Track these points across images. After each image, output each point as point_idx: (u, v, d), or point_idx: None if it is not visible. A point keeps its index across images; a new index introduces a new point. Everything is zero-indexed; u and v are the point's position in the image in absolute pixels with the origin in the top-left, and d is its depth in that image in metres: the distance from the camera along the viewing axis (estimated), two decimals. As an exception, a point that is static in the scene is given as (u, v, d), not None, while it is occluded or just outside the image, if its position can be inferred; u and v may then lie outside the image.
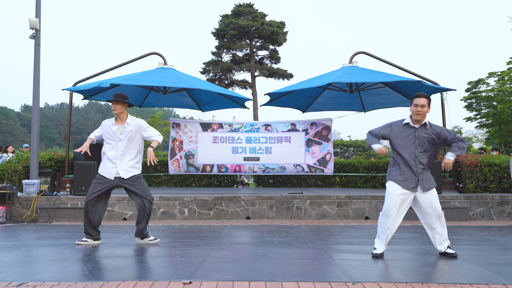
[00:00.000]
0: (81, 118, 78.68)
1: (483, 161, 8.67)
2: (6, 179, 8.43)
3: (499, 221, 7.71)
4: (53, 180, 8.67)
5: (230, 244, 5.15)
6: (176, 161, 10.24)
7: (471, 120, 26.07)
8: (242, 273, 3.65)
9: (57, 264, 3.99)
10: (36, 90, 8.68)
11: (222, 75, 28.67)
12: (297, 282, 3.33)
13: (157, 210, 7.95)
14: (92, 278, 3.47)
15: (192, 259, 4.21)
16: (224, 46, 28.17)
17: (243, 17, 28.00)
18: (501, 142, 24.45)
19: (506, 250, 4.74)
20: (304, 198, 7.99)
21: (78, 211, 7.80)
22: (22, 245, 5.16)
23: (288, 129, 10.09)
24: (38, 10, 8.76)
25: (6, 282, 3.35)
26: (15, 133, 62.33)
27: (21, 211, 7.84)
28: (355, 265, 3.96)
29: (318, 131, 9.96)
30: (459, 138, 4.33)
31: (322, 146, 9.90)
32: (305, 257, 4.38)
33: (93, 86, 8.86)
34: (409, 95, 10.25)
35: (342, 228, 6.65)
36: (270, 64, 28.96)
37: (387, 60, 10.08)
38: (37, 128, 8.75)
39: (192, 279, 3.40)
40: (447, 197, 7.89)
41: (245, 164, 10.01)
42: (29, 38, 8.74)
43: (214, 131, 10.09)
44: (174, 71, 9.86)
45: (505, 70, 22.89)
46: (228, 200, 8.00)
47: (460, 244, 5.15)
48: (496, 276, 3.54)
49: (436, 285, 3.27)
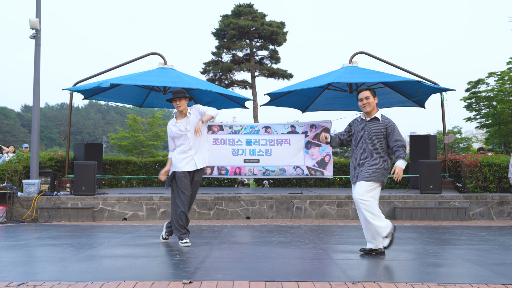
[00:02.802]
0: (81, 118, 78.69)
1: (482, 161, 8.67)
2: (7, 179, 8.44)
3: (498, 221, 7.71)
4: (53, 180, 8.68)
5: (230, 244, 5.16)
6: None
7: (471, 120, 26.07)
8: (242, 273, 3.65)
9: (57, 264, 4.00)
10: (36, 90, 8.69)
11: (222, 75, 28.67)
12: (297, 282, 3.34)
13: (157, 210, 7.96)
14: (92, 278, 3.47)
15: (192, 259, 4.21)
16: (224, 46, 28.17)
17: (243, 17, 28.00)
18: (500, 142, 24.46)
19: (506, 250, 4.74)
20: (304, 198, 7.99)
21: (78, 211, 7.80)
22: (22, 245, 5.16)
23: (288, 131, 10.11)
24: (38, 10, 8.77)
25: (6, 282, 3.36)
26: (15, 133, 62.33)
27: (21, 211, 7.85)
28: (355, 265, 3.96)
29: (317, 134, 9.98)
30: (398, 145, 4.28)
31: (321, 148, 9.91)
32: (305, 257, 4.38)
33: (93, 86, 8.86)
34: (409, 95, 10.26)
35: (342, 228, 6.65)
36: (270, 64, 28.96)
37: (387, 60, 10.08)
38: (37, 128, 8.76)
39: (192, 279, 3.41)
40: (447, 197, 7.90)
41: (245, 166, 10.03)
42: (29, 39, 8.75)
43: (214, 133, 10.11)
44: (174, 71, 9.86)
45: (505, 70, 22.88)
46: (228, 200, 8.00)
47: (460, 244, 5.15)
48: (496, 276, 3.55)
49: (436, 285, 3.27)
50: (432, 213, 7.72)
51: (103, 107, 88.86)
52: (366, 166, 4.34)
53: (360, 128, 4.48)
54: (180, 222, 4.96)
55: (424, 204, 7.86)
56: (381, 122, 4.38)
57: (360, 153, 4.42)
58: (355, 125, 4.59)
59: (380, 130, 4.35)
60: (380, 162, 4.34)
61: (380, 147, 4.36)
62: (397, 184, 10.97)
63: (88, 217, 7.77)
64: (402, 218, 7.69)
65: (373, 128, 4.38)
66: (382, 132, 4.35)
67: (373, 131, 4.36)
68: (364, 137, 4.41)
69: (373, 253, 4.42)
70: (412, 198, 7.92)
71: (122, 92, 10.68)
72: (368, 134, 4.39)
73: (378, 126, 4.37)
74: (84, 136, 71.86)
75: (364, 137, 4.41)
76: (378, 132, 4.35)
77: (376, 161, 4.33)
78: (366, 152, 4.38)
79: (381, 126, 4.36)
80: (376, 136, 4.36)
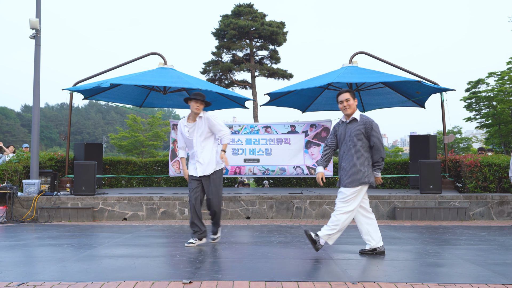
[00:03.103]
0: (81, 118, 78.70)
1: (482, 161, 8.67)
2: (7, 179, 8.44)
3: (498, 221, 7.71)
4: (53, 180, 8.68)
5: (230, 244, 5.16)
6: (177, 162, 10.32)
7: (471, 120, 26.08)
8: (242, 273, 3.65)
9: (57, 264, 4.00)
10: (36, 90, 8.69)
11: (222, 75, 28.68)
12: (297, 282, 3.34)
13: (157, 210, 7.96)
14: (92, 278, 3.47)
15: (192, 259, 4.21)
16: (224, 46, 28.17)
17: (243, 17, 28.01)
18: (500, 142, 24.46)
19: (505, 250, 4.74)
20: (304, 198, 7.99)
21: (78, 211, 7.80)
22: (22, 245, 5.16)
23: (288, 130, 10.11)
24: (38, 10, 8.77)
25: (6, 282, 3.36)
26: (15, 133, 62.34)
27: (22, 211, 7.85)
28: (355, 265, 3.96)
29: (317, 133, 9.98)
30: (378, 158, 4.36)
31: (321, 148, 9.91)
32: (305, 257, 4.38)
33: (93, 86, 8.86)
34: (409, 95, 10.26)
35: (342, 228, 6.64)
36: (270, 64, 28.97)
37: (387, 60, 10.08)
38: (37, 128, 8.76)
39: (192, 279, 3.41)
40: (447, 197, 7.90)
41: (245, 166, 10.04)
42: (29, 39, 8.75)
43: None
44: (174, 71, 9.86)
45: (505, 70, 22.90)
46: (228, 200, 8.00)
47: (460, 244, 5.15)
48: (496, 276, 3.55)
49: (436, 285, 3.27)
50: (432, 213, 7.72)
51: (103, 107, 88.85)
52: (348, 170, 4.37)
53: (342, 130, 4.51)
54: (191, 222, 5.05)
55: (424, 204, 7.86)
56: (360, 121, 4.41)
57: (343, 156, 4.45)
58: (337, 128, 4.60)
59: (360, 130, 4.38)
60: (361, 164, 4.34)
61: (362, 147, 4.37)
62: (397, 184, 10.97)
63: (88, 217, 7.77)
64: (402, 218, 7.69)
65: (353, 129, 4.41)
66: (362, 131, 4.38)
67: (353, 132, 4.39)
68: (346, 140, 4.44)
69: (373, 253, 4.42)
70: (412, 198, 7.92)
71: (122, 92, 10.68)
72: (349, 136, 4.42)
73: (357, 126, 4.40)
74: (84, 136, 71.87)
75: (346, 139, 4.44)
76: (358, 133, 4.38)
77: (358, 163, 4.33)
78: (347, 155, 4.40)
79: (360, 126, 4.39)
80: (356, 137, 4.38)
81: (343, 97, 4.43)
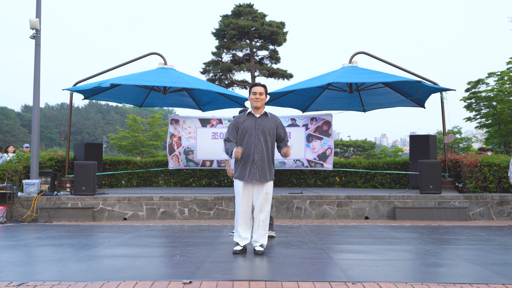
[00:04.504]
0: (81, 118, 78.69)
1: (482, 161, 8.67)
2: (7, 179, 8.44)
3: (498, 221, 7.71)
4: (53, 180, 8.68)
5: (230, 244, 5.15)
6: (175, 156, 10.29)
7: (470, 120, 26.09)
8: (242, 273, 3.65)
9: (57, 264, 4.00)
10: (36, 90, 8.69)
11: (222, 75, 28.68)
12: (297, 282, 3.34)
13: (157, 210, 7.96)
14: (92, 278, 3.47)
15: (192, 259, 4.21)
16: (224, 46, 28.18)
17: (243, 17, 28.01)
18: (500, 142, 24.46)
19: (505, 250, 4.75)
20: (304, 198, 7.99)
21: (78, 211, 7.80)
22: (22, 245, 5.17)
23: (288, 124, 10.11)
24: (39, 10, 8.77)
25: (6, 282, 3.36)
26: (15, 133, 62.34)
27: (22, 211, 7.85)
28: (355, 265, 3.96)
29: (318, 126, 9.98)
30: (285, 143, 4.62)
31: (323, 141, 9.91)
32: (305, 257, 4.38)
33: (93, 86, 8.86)
34: (409, 95, 10.26)
35: (342, 228, 6.65)
36: (270, 64, 28.98)
37: (387, 60, 10.08)
38: (37, 128, 8.76)
39: (192, 279, 3.41)
40: (447, 197, 7.90)
41: None
42: (30, 39, 8.74)
43: (213, 127, 10.13)
44: (174, 71, 9.86)
45: (504, 70, 22.91)
46: (228, 200, 8.00)
47: (459, 244, 5.15)
48: (496, 276, 3.55)
49: (436, 285, 3.27)
50: (432, 213, 7.72)
51: (103, 107, 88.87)
52: (263, 163, 4.44)
53: (250, 123, 4.51)
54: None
55: (424, 204, 7.86)
56: (271, 118, 4.55)
57: (254, 149, 4.45)
58: (239, 121, 4.56)
59: (272, 127, 4.52)
60: (271, 158, 4.54)
61: (271, 143, 4.53)
62: (397, 184, 10.98)
63: (88, 217, 7.77)
64: (402, 218, 7.69)
65: (265, 125, 4.50)
66: (274, 129, 4.54)
67: (267, 127, 4.49)
68: (257, 133, 4.47)
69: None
70: (412, 198, 7.92)
71: (122, 92, 10.68)
72: (261, 130, 4.47)
73: (269, 123, 4.52)
74: (84, 136, 71.88)
75: (257, 132, 4.47)
76: (271, 129, 4.52)
77: (269, 158, 4.50)
78: (257, 148, 4.45)
79: (272, 123, 4.53)
80: (269, 132, 4.50)
81: (258, 90, 4.52)
